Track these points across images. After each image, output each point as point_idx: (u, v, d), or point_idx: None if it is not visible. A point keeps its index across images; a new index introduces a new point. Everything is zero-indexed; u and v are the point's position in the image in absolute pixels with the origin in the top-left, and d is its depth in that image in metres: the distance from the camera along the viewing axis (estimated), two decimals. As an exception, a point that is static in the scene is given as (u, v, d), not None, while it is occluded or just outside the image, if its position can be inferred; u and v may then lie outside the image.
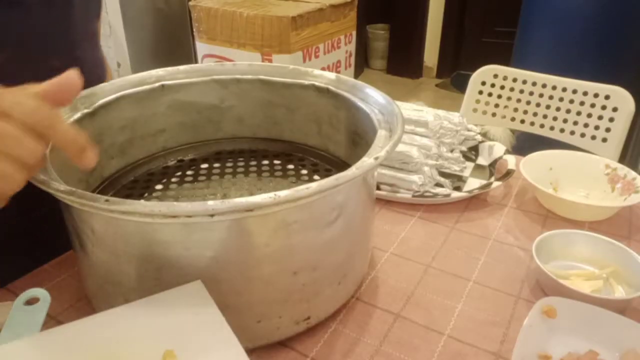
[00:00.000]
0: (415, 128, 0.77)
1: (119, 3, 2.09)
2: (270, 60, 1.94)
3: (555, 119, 1.25)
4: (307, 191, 0.37)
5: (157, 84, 0.61)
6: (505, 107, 1.31)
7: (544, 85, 1.25)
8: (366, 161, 0.42)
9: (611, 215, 0.69)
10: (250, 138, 0.68)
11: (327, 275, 0.46)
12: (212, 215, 0.36)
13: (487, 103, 1.33)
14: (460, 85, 3.14)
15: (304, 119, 0.65)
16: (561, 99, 1.23)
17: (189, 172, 0.62)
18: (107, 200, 0.36)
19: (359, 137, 0.58)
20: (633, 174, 0.71)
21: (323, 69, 2.03)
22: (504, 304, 0.54)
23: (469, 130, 0.83)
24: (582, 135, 1.22)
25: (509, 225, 0.68)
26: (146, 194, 0.58)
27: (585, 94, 1.19)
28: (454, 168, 0.76)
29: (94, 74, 0.63)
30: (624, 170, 0.72)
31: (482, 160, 0.82)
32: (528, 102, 1.28)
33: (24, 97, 0.36)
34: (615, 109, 1.15)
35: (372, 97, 0.56)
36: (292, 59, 1.92)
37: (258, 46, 1.94)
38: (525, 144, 1.22)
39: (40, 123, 0.35)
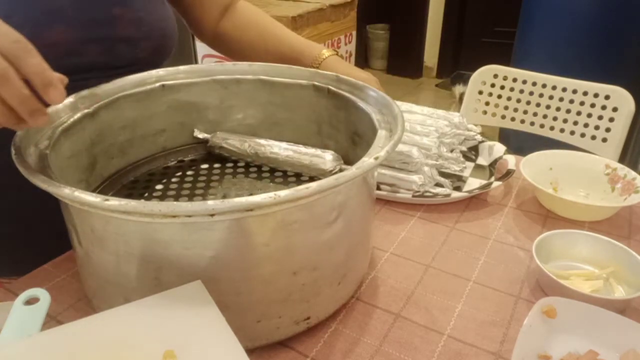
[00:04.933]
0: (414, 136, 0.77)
1: (119, 3, 2.09)
2: (270, 60, 1.94)
3: (555, 119, 1.25)
4: (307, 191, 0.37)
5: (157, 84, 0.61)
6: (505, 107, 1.31)
7: (544, 85, 1.25)
8: (366, 161, 0.42)
9: (611, 215, 0.69)
10: (250, 138, 0.68)
11: (327, 275, 0.46)
12: (212, 215, 0.36)
13: (487, 103, 1.33)
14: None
15: (304, 119, 0.65)
16: (561, 99, 1.23)
17: (189, 173, 0.62)
18: (107, 200, 0.36)
19: (359, 137, 0.58)
20: (633, 174, 0.71)
21: (323, 69, 2.03)
22: (504, 304, 0.54)
23: (469, 130, 0.83)
24: (582, 135, 1.22)
25: (509, 225, 0.68)
26: (146, 194, 0.58)
27: (585, 94, 1.19)
28: (454, 168, 0.76)
29: (157, 29, 0.65)
30: (624, 170, 0.72)
31: (482, 160, 0.82)
32: (528, 102, 1.28)
33: None
34: (615, 109, 1.15)
35: (372, 97, 0.56)
36: (292, 59, 1.91)
37: (258, 46, 1.94)
38: (525, 144, 1.22)
39: (13, 52, 0.37)
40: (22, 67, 0.37)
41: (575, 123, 1.22)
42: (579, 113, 1.21)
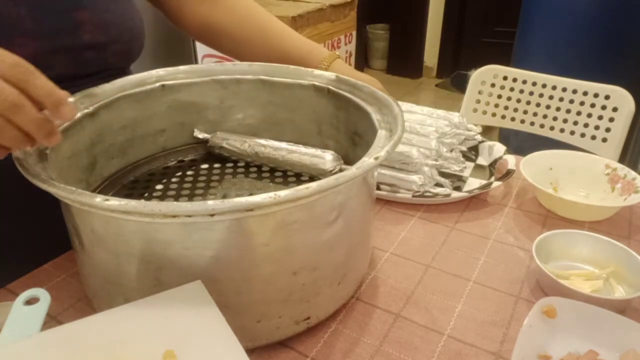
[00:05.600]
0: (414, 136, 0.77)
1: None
2: (270, 60, 1.94)
3: (555, 119, 1.25)
4: (307, 191, 0.37)
5: (157, 84, 0.61)
6: (505, 107, 1.31)
7: (544, 85, 1.25)
8: (366, 161, 0.42)
9: (611, 215, 0.69)
10: (250, 138, 0.68)
11: (327, 275, 0.46)
12: (212, 215, 0.36)
13: (487, 103, 1.33)
14: (460, 85, 3.14)
15: (304, 119, 0.65)
16: (561, 99, 1.23)
17: (189, 173, 0.62)
18: (107, 200, 0.36)
19: (359, 137, 0.58)
20: (633, 174, 0.71)
21: (323, 69, 2.03)
22: (504, 304, 0.54)
23: (469, 130, 0.83)
24: (582, 135, 1.22)
25: (509, 225, 0.68)
26: (146, 194, 0.58)
27: (585, 94, 1.19)
28: (454, 168, 0.76)
29: (125, 30, 0.63)
30: (624, 170, 0.72)
31: (482, 160, 0.82)
32: (528, 102, 1.28)
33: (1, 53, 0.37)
34: (615, 109, 1.15)
35: (372, 97, 0.56)
36: (292, 59, 1.91)
37: (258, 46, 1.94)
38: (525, 144, 1.22)
39: (17, 76, 0.36)
40: (30, 90, 0.37)
41: (575, 123, 1.22)
42: (579, 113, 1.21)
